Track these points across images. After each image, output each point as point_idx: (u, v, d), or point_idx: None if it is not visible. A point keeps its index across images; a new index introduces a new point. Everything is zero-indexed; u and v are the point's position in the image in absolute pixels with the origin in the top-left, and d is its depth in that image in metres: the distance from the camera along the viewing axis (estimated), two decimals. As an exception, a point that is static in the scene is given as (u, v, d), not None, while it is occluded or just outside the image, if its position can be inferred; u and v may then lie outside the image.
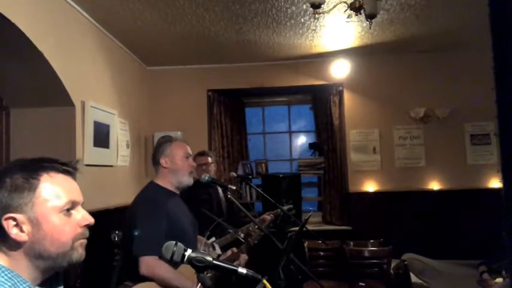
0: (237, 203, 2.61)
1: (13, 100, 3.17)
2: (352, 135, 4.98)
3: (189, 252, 1.21)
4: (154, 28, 3.81)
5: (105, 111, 3.71)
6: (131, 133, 4.38)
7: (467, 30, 4.03)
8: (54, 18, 2.99)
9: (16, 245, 0.96)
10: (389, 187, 4.84)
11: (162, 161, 2.29)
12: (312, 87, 5.10)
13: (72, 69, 3.21)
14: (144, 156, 4.81)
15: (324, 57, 4.84)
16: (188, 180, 2.33)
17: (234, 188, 2.85)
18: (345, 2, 2.80)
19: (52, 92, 3.09)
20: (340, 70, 4.87)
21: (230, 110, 5.44)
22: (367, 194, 4.87)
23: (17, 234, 0.95)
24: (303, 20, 3.73)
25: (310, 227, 4.28)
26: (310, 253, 4.02)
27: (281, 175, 4.96)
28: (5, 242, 0.96)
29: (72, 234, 1.01)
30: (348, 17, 2.93)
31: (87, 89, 3.48)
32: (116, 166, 3.98)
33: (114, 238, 3.46)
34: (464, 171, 4.73)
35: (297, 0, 3.34)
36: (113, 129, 3.85)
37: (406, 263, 3.92)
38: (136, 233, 2.07)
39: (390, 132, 4.91)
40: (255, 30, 3.96)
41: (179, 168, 2.30)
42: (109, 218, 3.40)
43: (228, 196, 2.67)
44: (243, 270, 1.20)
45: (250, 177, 5.21)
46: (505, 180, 0.72)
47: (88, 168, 3.36)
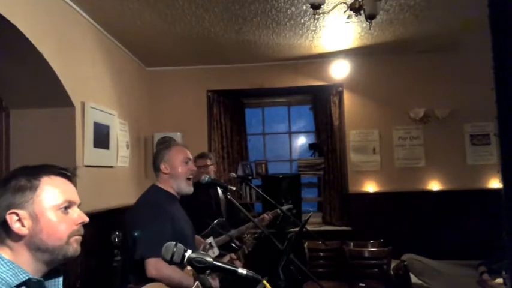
0: (236, 203, 2.61)
1: (13, 101, 3.16)
2: (352, 136, 4.98)
3: (189, 253, 1.21)
4: (154, 29, 3.81)
5: (104, 112, 3.70)
6: (131, 134, 4.37)
7: (467, 31, 4.03)
8: (54, 19, 3.00)
9: (18, 238, 1.09)
10: (389, 187, 4.84)
11: (162, 167, 2.32)
12: (311, 87, 5.11)
13: (72, 70, 3.21)
14: (144, 157, 4.80)
15: (323, 58, 4.84)
16: (187, 189, 2.34)
17: (233, 188, 2.85)
18: (345, 2, 2.80)
19: (52, 92, 3.09)
20: (339, 71, 4.87)
21: (230, 110, 5.44)
22: (367, 194, 4.87)
23: (18, 228, 1.08)
24: (302, 20, 3.73)
25: (310, 228, 4.29)
26: (310, 253, 4.03)
27: (281, 176, 4.97)
28: (8, 235, 1.10)
29: (68, 230, 1.14)
30: (348, 18, 2.94)
31: (87, 90, 3.48)
32: (116, 167, 3.97)
33: (114, 239, 3.45)
34: (464, 171, 4.73)
35: (296, 1, 3.34)
36: (112, 130, 3.84)
37: (406, 263, 3.91)
38: (141, 235, 2.07)
39: (390, 133, 4.91)
40: (254, 30, 3.96)
41: (179, 174, 2.31)
42: (109, 218, 3.40)
43: (228, 197, 2.67)
44: (243, 270, 1.20)
45: (250, 177, 5.21)
46: (505, 180, 0.72)
47: (88, 169, 3.36)
